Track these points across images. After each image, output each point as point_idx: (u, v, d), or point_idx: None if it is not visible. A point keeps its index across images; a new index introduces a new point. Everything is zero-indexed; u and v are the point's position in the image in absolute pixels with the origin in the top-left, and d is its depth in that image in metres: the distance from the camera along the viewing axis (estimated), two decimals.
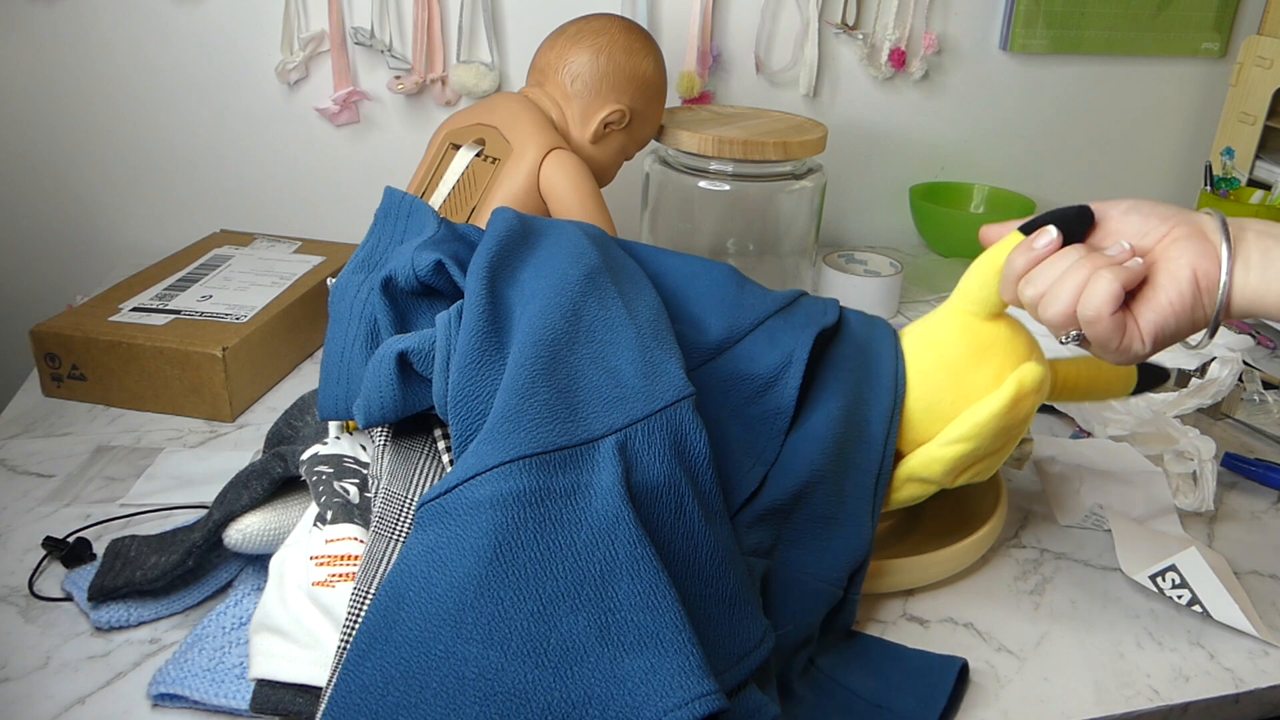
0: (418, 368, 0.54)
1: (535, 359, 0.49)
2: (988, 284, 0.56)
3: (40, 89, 1.04)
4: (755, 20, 1.16)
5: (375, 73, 1.09)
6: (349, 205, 1.14)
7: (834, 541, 0.55)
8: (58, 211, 1.09)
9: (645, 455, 0.47)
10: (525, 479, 0.44)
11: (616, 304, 0.55)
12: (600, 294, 0.55)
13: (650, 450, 0.47)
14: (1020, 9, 1.23)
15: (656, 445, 0.48)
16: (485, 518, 0.43)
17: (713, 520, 0.48)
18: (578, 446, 0.46)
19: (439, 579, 0.42)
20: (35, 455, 0.73)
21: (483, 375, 0.50)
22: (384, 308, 0.59)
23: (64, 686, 0.52)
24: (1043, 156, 1.35)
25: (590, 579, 0.42)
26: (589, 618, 0.41)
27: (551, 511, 0.44)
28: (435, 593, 0.42)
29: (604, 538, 0.43)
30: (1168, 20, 1.30)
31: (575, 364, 0.50)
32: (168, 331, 0.79)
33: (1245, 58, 1.27)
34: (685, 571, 0.46)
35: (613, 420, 0.48)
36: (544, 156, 0.84)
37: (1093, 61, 1.31)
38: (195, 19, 1.04)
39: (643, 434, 0.48)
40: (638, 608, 0.41)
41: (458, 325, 0.54)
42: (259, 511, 0.57)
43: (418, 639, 0.41)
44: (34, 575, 0.60)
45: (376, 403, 0.54)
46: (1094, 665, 0.58)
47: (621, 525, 0.43)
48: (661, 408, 0.49)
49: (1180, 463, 0.74)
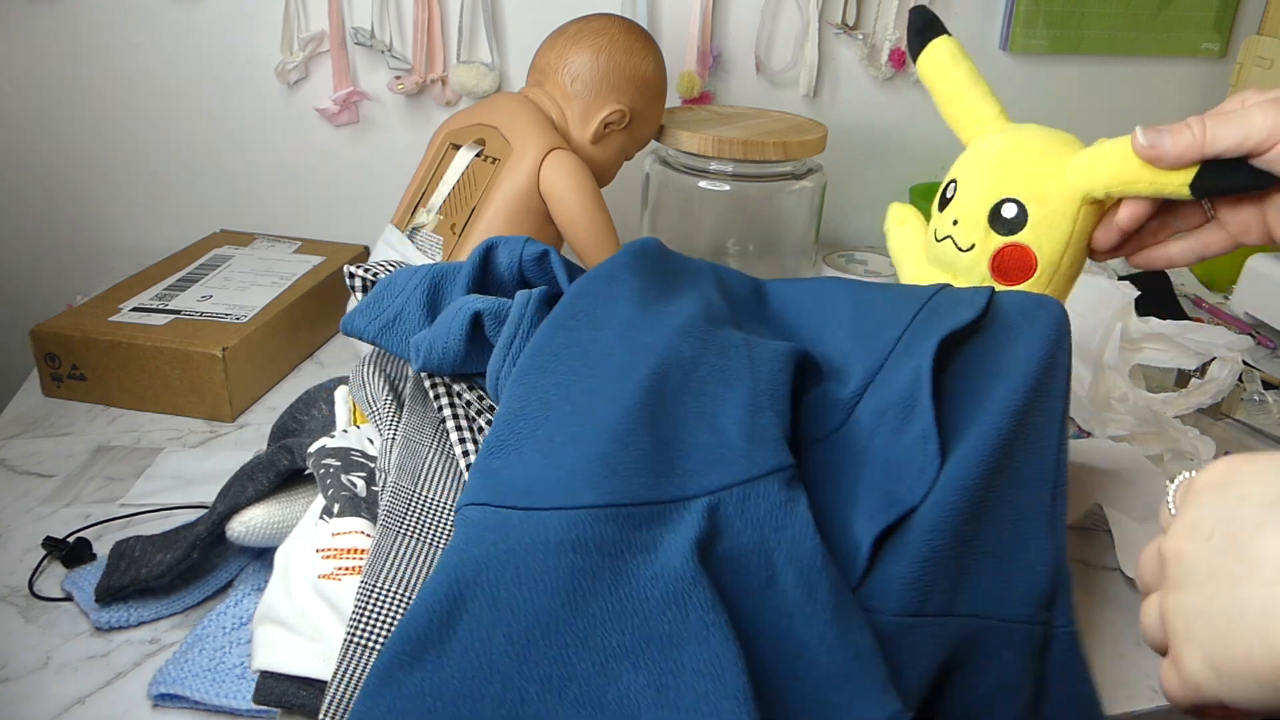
0: (488, 332, 0.54)
1: (644, 404, 0.47)
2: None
3: (40, 89, 1.04)
4: (755, 20, 1.16)
5: (375, 73, 1.09)
6: (349, 205, 1.14)
7: (1011, 574, 0.48)
8: (57, 212, 1.09)
9: (737, 521, 0.45)
10: (611, 529, 0.43)
11: (740, 356, 0.51)
12: (723, 345, 0.52)
13: (743, 517, 0.45)
14: (1020, 9, 1.23)
15: (750, 513, 0.45)
16: (566, 559, 0.42)
17: (813, 592, 0.44)
18: (668, 504, 0.44)
19: (506, 607, 0.41)
20: (35, 455, 0.73)
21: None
22: (471, 267, 0.59)
23: (64, 686, 0.52)
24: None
25: (658, 639, 0.41)
26: (650, 677, 0.40)
27: (630, 565, 0.42)
28: (501, 622, 0.41)
29: (677, 599, 0.42)
30: (1168, 20, 1.30)
31: (681, 416, 0.47)
32: (168, 331, 0.79)
33: (1245, 58, 1.27)
34: (773, 645, 0.43)
35: (708, 482, 0.45)
36: (544, 157, 0.84)
37: (1093, 61, 1.31)
38: (195, 19, 1.04)
39: (737, 499, 0.45)
40: (700, 674, 0.40)
41: (536, 312, 0.54)
42: (263, 504, 0.57)
43: (476, 666, 0.40)
44: (34, 575, 0.60)
45: (439, 350, 0.54)
46: (1094, 665, 0.58)
47: (697, 589, 0.42)
48: (760, 475, 0.46)
49: (1180, 463, 0.74)
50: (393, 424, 0.57)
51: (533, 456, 0.45)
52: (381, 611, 0.47)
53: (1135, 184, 0.55)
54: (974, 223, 0.60)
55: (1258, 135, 0.50)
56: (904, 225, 0.69)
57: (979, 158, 0.61)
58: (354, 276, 0.64)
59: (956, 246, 0.60)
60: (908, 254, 0.67)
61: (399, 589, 0.49)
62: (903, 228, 0.69)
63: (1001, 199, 0.59)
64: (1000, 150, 0.60)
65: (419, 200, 0.87)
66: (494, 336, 0.54)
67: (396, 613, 0.48)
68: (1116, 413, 0.79)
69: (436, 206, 0.86)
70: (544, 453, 0.45)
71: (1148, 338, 0.80)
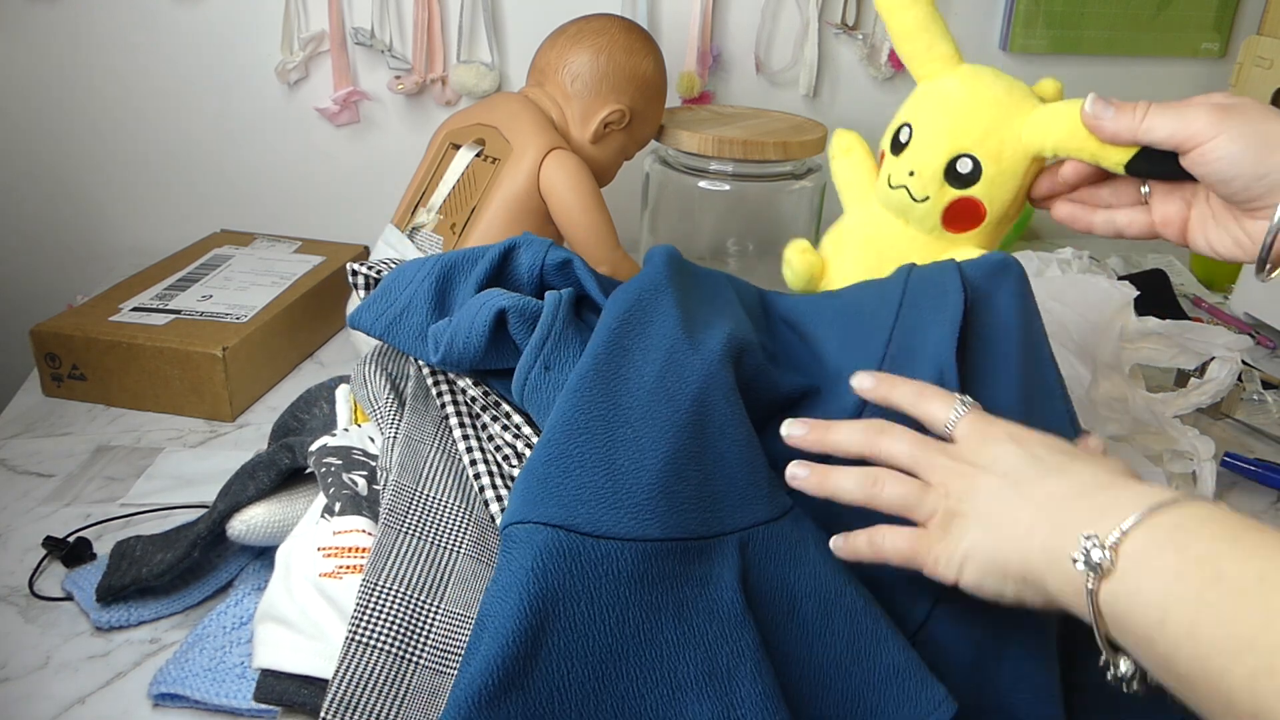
0: (511, 330, 0.54)
1: (693, 434, 0.47)
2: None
3: (40, 89, 1.04)
4: (755, 20, 1.16)
5: (375, 73, 1.09)
6: (349, 205, 1.14)
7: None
8: (58, 212, 1.09)
9: (762, 559, 0.46)
10: (672, 563, 0.44)
11: (769, 384, 0.53)
12: (761, 374, 0.53)
13: (767, 554, 0.46)
14: (1020, 9, 1.23)
15: (773, 551, 0.46)
16: (637, 593, 0.43)
17: (830, 619, 0.46)
18: (713, 539, 0.45)
19: (583, 639, 0.42)
20: (35, 455, 0.73)
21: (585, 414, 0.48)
22: (489, 265, 0.58)
23: (64, 686, 0.52)
24: None
25: (719, 671, 0.42)
26: (713, 708, 0.41)
27: (689, 597, 0.43)
28: (579, 653, 0.41)
29: (734, 633, 0.43)
30: (1168, 20, 1.30)
31: (725, 450, 0.48)
32: (168, 331, 0.79)
33: (1245, 58, 1.27)
34: (798, 667, 0.45)
35: (741, 519, 0.46)
36: (544, 156, 0.84)
37: (1093, 61, 1.31)
38: (195, 19, 1.04)
39: (762, 538, 0.46)
40: (755, 708, 0.42)
41: (568, 314, 0.54)
42: (264, 503, 0.57)
43: (560, 699, 0.41)
44: (34, 575, 0.60)
45: (460, 344, 0.54)
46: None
47: (747, 624, 0.43)
48: (778, 516, 0.48)
49: (1180, 462, 0.74)
50: (394, 422, 0.57)
51: (599, 478, 0.45)
52: (383, 610, 0.47)
53: (1080, 151, 0.58)
54: (930, 175, 0.62)
55: (1187, 133, 0.52)
56: (849, 154, 0.70)
57: (937, 105, 0.62)
58: (356, 274, 0.64)
59: (911, 196, 0.63)
60: (854, 188, 0.69)
61: (400, 587, 0.49)
62: (848, 157, 0.70)
63: (958, 154, 0.61)
64: (959, 101, 0.62)
65: (419, 200, 0.87)
66: (517, 335, 0.54)
67: (398, 610, 0.48)
68: (1116, 412, 0.79)
69: (436, 206, 0.86)
70: (609, 476, 0.45)
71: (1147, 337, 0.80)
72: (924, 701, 0.44)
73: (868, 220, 0.68)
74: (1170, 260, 1.23)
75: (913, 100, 0.64)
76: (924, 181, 0.62)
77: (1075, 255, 0.94)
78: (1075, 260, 0.93)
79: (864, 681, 0.45)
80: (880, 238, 0.67)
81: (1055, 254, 0.94)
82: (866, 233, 0.68)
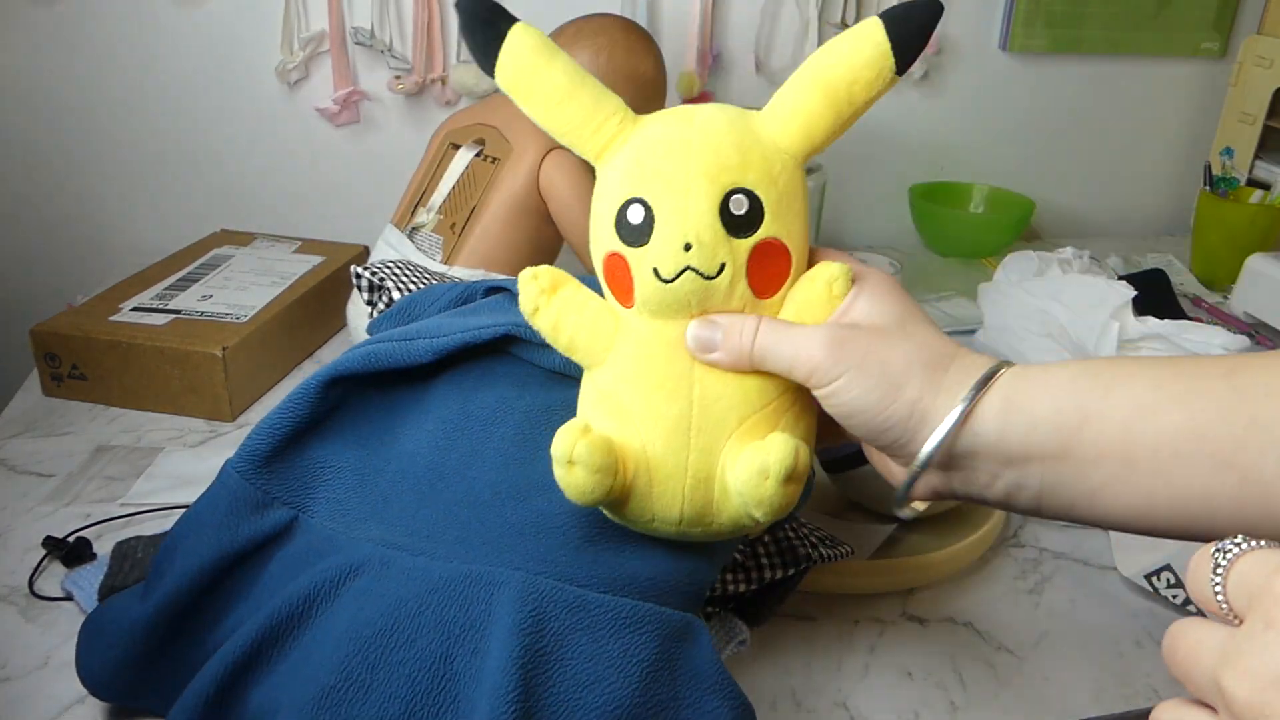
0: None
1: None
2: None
3: (40, 89, 1.04)
4: (755, 20, 1.16)
5: (375, 73, 1.09)
6: (349, 205, 1.14)
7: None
8: (58, 211, 1.09)
9: None
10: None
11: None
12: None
13: None
14: (1020, 9, 1.23)
15: None
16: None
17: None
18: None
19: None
20: (35, 455, 0.73)
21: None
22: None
23: (64, 686, 0.52)
24: (1042, 156, 1.35)
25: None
26: None
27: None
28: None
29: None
30: (1167, 20, 1.30)
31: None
32: (168, 331, 0.79)
33: (1245, 58, 1.27)
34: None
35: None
36: (544, 156, 0.84)
37: (1093, 61, 1.31)
38: (195, 19, 1.04)
39: None
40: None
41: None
42: None
43: None
44: (34, 575, 0.60)
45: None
46: (1093, 665, 0.58)
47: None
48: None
49: None
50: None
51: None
52: None
53: (852, 105, 0.43)
54: (713, 234, 0.41)
55: (806, 369, 0.41)
56: (560, 290, 0.45)
57: (664, 156, 0.42)
58: (360, 277, 0.64)
59: (703, 275, 0.41)
60: (596, 329, 0.44)
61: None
62: (563, 291, 0.45)
63: (727, 192, 0.42)
64: (686, 136, 0.43)
65: (419, 200, 0.87)
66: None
67: None
68: None
69: (436, 206, 0.86)
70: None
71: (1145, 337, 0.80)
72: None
73: (642, 356, 0.43)
74: (1170, 260, 1.23)
75: (620, 173, 0.43)
76: (711, 246, 0.41)
77: (1076, 255, 0.93)
78: (1076, 260, 0.93)
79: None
80: (674, 360, 0.43)
81: (1056, 254, 0.94)
82: (653, 371, 0.43)
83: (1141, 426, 0.35)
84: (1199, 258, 1.22)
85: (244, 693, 0.43)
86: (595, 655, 0.41)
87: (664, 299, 0.42)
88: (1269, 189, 1.19)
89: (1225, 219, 1.18)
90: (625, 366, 0.43)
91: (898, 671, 0.57)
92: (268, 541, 0.47)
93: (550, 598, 0.42)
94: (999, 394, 0.38)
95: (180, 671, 0.45)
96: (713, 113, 0.44)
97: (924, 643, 0.59)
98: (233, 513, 0.47)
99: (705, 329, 0.42)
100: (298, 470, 0.49)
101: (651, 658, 0.42)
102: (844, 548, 0.60)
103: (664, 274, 0.42)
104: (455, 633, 0.41)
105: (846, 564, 0.61)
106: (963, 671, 0.57)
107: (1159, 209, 1.44)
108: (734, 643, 0.54)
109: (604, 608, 0.43)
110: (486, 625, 0.41)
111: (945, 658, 0.58)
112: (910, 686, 0.56)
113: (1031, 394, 0.37)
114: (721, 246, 0.42)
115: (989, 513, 0.67)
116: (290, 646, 0.43)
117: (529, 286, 0.44)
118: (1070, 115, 1.34)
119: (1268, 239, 1.16)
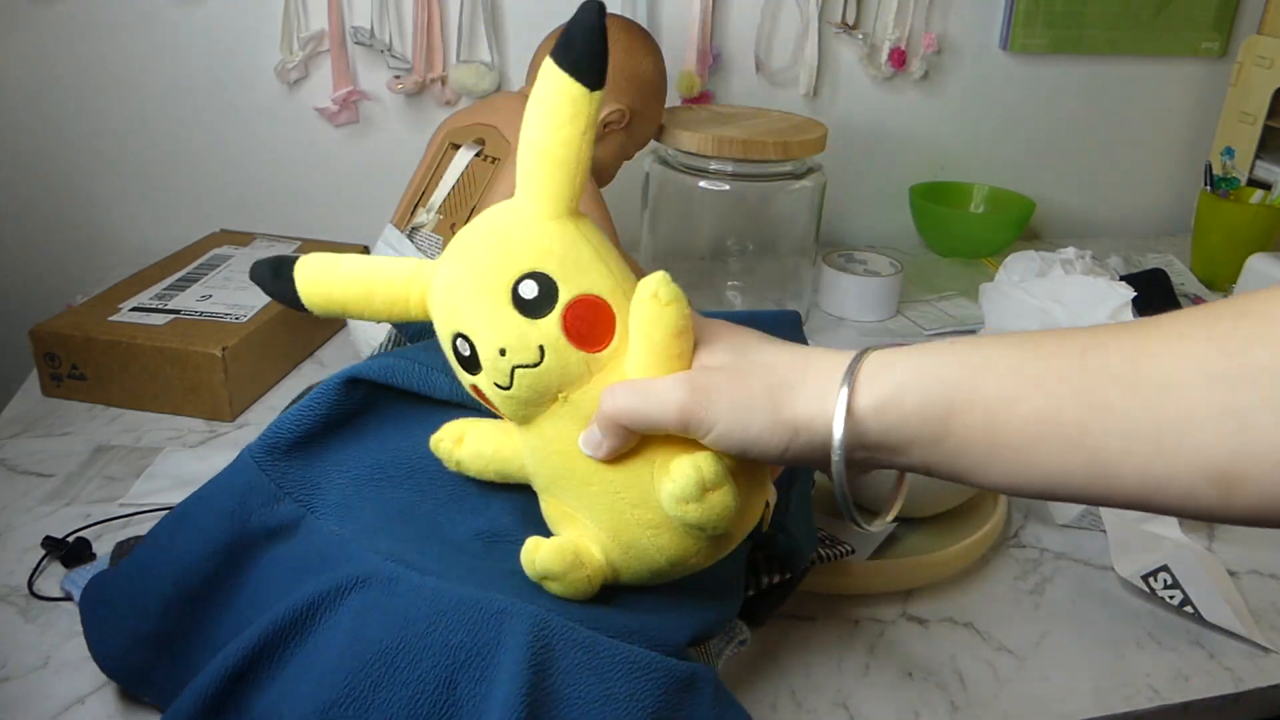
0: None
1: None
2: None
3: (40, 89, 1.04)
4: (755, 20, 1.16)
5: (375, 72, 1.09)
6: (349, 205, 1.14)
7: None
8: (58, 211, 1.09)
9: None
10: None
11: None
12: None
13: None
14: (1020, 9, 1.23)
15: None
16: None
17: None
18: None
19: None
20: (35, 455, 0.73)
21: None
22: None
23: (64, 686, 0.52)
24: (1042, 156, 1.35)
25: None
26: None
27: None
28: None
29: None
30: (1168, 20, 1.30)
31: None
32: (167, 331, 0.79)
33: (1245, 57, 1.27)
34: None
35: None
36: None
37: (1093, 61, 1.31)
38: (195, 19, 1.04)
39: None
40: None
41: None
42: None
43: None
44: (34, 575, 0.60)
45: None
46: (1094, 665, 0.58)
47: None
48: None
49: None
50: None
51: None
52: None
53: (576, 178, 0.45)
54: (516, 331, 0.42)
55: (674, 417, 0.40)
56: (465, 439, 0.48)
57: (450, 295, 0.44)
58: None
59: (530, 366, 0.43)
60: (507, 456, 0.47)
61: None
62: (467, 439, 0.48)
63: (512, 286, 0.43)
64: (459, 268, 0.44)
65: (418, 200, 0.87)
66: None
67: None
68: None
69: (436, 206, 0.86)
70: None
71: None
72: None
73: (544, 460, 0.45)
74: (1170, 260, 1.23)
75: (437, 319, 0.45)
76: (520, 339, 0.42)
77: (1078, 255, 0.93)
78: (1078, 260, 0.93)
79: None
80: (570, 453, 0.44)
81: (1058, 254, 0.94)
82: (562, 467, 0.45)
83: (1005, 416, 0.36)
84: (1199, 258, 1.22)
85: (244, 698, 0.43)
86: (603, 697, 0.41)
87: (516, 404, 0.44)
88: (1269, 189, 1.19)
89: (1226, 219, 1.18)
90: (542, 474, 0.46)
91: (898, 671, 0.57)
92: (275, 535, 0.47)
93: (561, 635, 0.42)
94: (870, 394, 0.39)
95: (191, 654, 0.46)
96: (477, 226, 0.45)
97: (924, 643, 0.59)
98: (246, 500, 0.48)
99: (584, 434, 0.43)
100: (313, 469, 0.49)
101: (657, 704, 0.42)
102: (844, 547, 0.60)
103: (502, 384, 0.43)
104: (461, 658, 0.41)
105: (846, 564, 0.61)
106: (963, 671, 0.57)
107: (1159, 209, 1.44)
108: (734, 643, 0.54)
109: (614, 652, 0.43)
110: (494, 653, 0.41)
111: (945, 658, 0.58)
112: (910, 686, 0.56)
113: (901, 387, 0.39)
114: (530, 334, 0.43)
115: (989, 513, 0.67)
116: (293, 653, 0.43)
117: (441, 450, 0.48)
118: (1070, 115, 1.34)
119: (1268, 239, 1.16)
